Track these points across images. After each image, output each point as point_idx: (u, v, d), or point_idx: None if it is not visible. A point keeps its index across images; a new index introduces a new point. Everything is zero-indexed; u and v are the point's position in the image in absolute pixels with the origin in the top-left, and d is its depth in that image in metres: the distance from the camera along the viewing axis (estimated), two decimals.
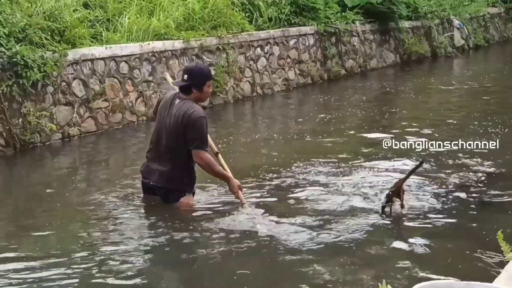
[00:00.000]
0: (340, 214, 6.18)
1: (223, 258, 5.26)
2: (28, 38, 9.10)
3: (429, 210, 6.29)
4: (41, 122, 9.07)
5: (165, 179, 6.15)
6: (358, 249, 5.42)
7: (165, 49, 11.30)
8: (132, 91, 10.66)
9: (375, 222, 5.96)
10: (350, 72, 16.02)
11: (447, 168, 7.67)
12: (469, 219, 6.14)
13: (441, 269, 4.94)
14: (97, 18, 11.06)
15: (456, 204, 6.50)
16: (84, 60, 9.87)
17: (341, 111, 12.01)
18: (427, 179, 7.20)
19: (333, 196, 6.71)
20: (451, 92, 14.14)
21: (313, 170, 7.68)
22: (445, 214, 6.21)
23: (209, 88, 6.14)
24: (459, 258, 5.24)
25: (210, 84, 6.14)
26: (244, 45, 13.01)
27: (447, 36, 20.15)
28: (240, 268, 5.05)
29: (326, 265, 5.08)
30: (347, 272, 4.98)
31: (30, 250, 5.50)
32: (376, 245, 5.50)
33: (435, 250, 5.37)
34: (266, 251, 5.40)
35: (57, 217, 6.42)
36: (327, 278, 4.88)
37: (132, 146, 9.67)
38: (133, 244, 5.56)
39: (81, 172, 8.35)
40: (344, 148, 8.79)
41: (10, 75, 8.74)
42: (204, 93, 6.09)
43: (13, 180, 8.00)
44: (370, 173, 7.52)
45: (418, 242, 5.50)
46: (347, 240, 5.59)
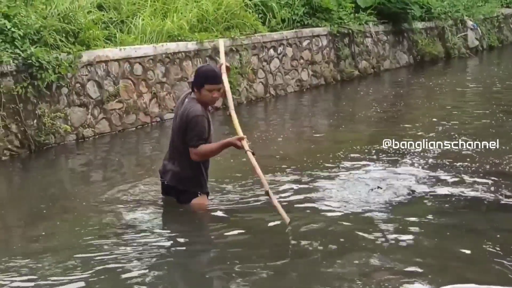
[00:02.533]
0: (352, 213, 6.18)
1: (233, 262, 5.24)
2: (43, 40, 9.15)
3: (441, 212, 6.27)
4: (55, 123, 9.12)
5: (176, 178, 6.17)
6: (370, 250, 5.39)
7: (179, 50, 11.33)
8: (146, 92, 10.69)
9: (387, 225, 5.94)
10: (363, 73, 15.99)
11: (455, 169, 7.66)
12: (484, 221, 6.10)
13: (458, 273, 4.92)
14: (111, 20, 11.11)
15: (469, 205, 6.48)
16: (98, 62, 9.91)
17: (353, 112, 12.00)
18: (439, 181, 7.18)
19: (346, 195, 6.71)
20: (465, 93, 14.08)
21: (326, 169, 7.69)
22: (459, 216, 6.18)
23: (211, 93, 5.93)
24: (475, 261, 5.21)
25: (213, 88, 5.92)
26: (257, 46, 13.02)
27: (461, 37, 20.07)
28: (254, 271, 5.05)
29: (339, 266, 5.07)
30: (361, 274, 4.96)
31: (43, 251, 5.52)
32: (389, 248, 5.47)
33: (451, 253, 5.34)
34: (277, 253, 5.41)
35: (72, 218, 6.45)
36: (340, 278, 4.87)
37: (146, 147, 9.70)
38: (146, 244, 5.58)
39: (95, 173, 8.38)
40: (356, 148, 8.78)
41: (25, 76, 8.79)
42: (202, 95, 5.95)
43: (29, 181, 8.03)
44: (382, 172, 7.52)
45: (431, 246, 5.48)
46: (359, 241, 5.58)
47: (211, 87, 5.91)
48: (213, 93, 5.94)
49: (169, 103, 11.03)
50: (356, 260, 5.19)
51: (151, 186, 7.23)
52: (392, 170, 7.64)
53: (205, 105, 6.00)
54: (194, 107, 5.93)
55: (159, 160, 8.70)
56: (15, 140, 8.73)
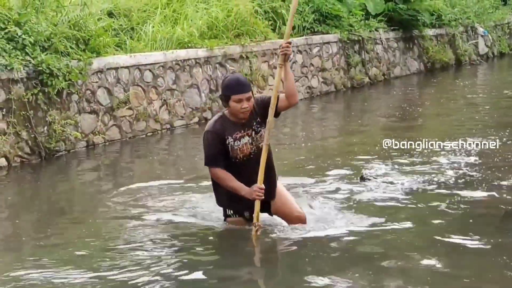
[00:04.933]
0: (362, 221, 6.14)
1: (236, 274, 5.20)
2: (54, 47, 9.17)
3: (452, 219, 6.23)
4: (66, 130, 9.13)
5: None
6: (380, 258, 5.32)
7: (189, 57, 11.34)
8: (156, 99, 10.70)
9: (398, 231, 5.90)
10: (373, 80, 15.97)
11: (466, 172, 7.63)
12: (495, 230, 6.04)
13: (472, 282, 4.88)
14: (121, 27, 11.14)
15: (481, 212, 6.43)
16: (108, 69, 9.93)
17: (364, 118, 11.97)
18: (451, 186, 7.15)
19: (356, 200, 6.68)
20: (476, 100, 14.02)
21: (337, 175, 7.66)
22: (471, 225, 6.11)
23: (240, 103, 5.41)
24: (488, 270, 5.13)
25: (240, 98, 5.40)
26: (267, 53, 13.01)
27: (472, 44, 20.03)
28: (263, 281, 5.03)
29: (346, 275, 5.04)
30: (370, 281, 4.93)
31: (54, 257, 5.51)
32: (398, 256, 5.40)
33: (463, 262, 5.28)
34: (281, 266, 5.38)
35: (82, 226, 6.44)
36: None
37: (156, 154, 9.69)
38: (157, 252, 5.56)
39: (105, 180, 8.38)
40: (369, 154, 8.74)
41: (35, 83, 8.81)
42: (231, 108, 5.48)
43: (39, 187, 8.04)
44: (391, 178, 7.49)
45: (443, 253, 5.43)
46: (368, 247, 5.55)
47: (237, 97, 5.43)
48: (242, 104, 5.43)
49: (179, 110, 11.04)
50: (369, 269, 5.16)
51: (161, 194, 7.22)
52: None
53: (236, 117, 5.51)
54: (209, 122, 5.64)
55: (168, 167, 8.76)
56: (25, 147, 8.74)
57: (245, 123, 5.53)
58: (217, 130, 5.50)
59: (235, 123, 5.52)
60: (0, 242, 6.22)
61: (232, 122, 5.53)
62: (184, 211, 6.55)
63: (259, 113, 5.55)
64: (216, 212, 6.11)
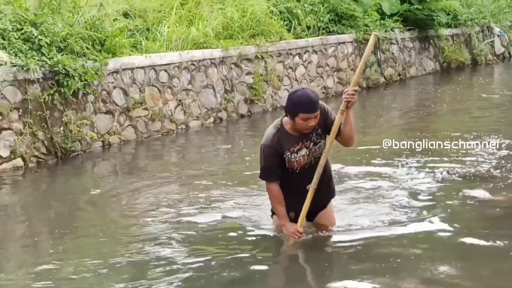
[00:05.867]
0: (378, 223, 6.12)
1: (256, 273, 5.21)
2: (70, 48, 9.20)
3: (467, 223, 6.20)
4: (82, 131, 9.16)
5: None
6: (396, 263, 5.28)
7: (204, 57, 11.35)
8: (171, 99, 10.72)
9: (411, 234, 5.86)
10: (389, 80, 15.92)
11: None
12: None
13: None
14: (137, 28, 11.17)
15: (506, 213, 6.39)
16: (124, 69, 9.96)
17: (379, 118, 11.93)
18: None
19: (374, 203, 6.66)
20: (492, 100, 13.94)
21: (351, 177, 7.64)
22: (493, 226, 6.06)
23: (306, 121, 5.21)
24: (501, 275, 5.10)
25: (307, 117, 5.19)
26: (283, 54, 13.00)
27: (488, 44, 19.92)
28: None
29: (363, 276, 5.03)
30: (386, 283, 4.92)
31: (71, 257, 5.54)
32: (412, 258, 5.39)
33: (474, 269, 5.23)
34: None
35: (100, 225, 6.46)
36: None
37: (171, 154, 9.72)
38: (171, 256, 5.57)
39: (122, 180, 8.39)
40: (381, 155, 8.72)
41: (51, 84, 8.85)
42: (296, 123, 5.26)
43: (55, 188, 8.07)
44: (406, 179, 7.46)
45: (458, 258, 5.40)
46: (386, 249, 5.53)
47: (305, 116, 5.20)
48: (309, 122, 5.22)
49: (194, 111, 11.05)
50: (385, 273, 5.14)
51: (176, 193, 7.24)
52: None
53: (298, 132, 5.35)
54: (266, 134, 5.44)
55: (184, 167, 8.76)
56: (41, 147, 8.78)
57: (303, 135, 5.36)
58: (275, 144, 5.34)
59: (293, 135, 5.37)
60: (17, 240, 6.27)
61: (290, 134, 5.37)
62: (199, 210, 6.56)
63: (321, 125, 5.36)
64: (234, 210, 6.15)
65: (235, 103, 11.86)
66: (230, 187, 7.44)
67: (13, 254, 5.93)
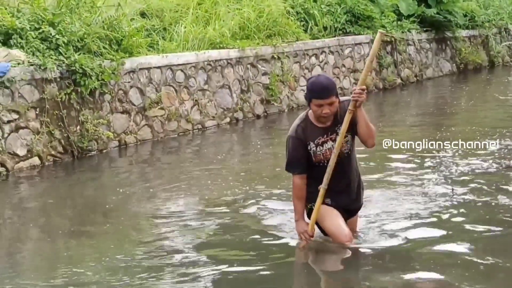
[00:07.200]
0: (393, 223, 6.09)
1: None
2: (87, 47, 9.22)
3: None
4: (98, 130, 9.17)
5: None
6: (411, 262, 5.28)
7: (221, 58, 11.35)
8: (187, 99, 10.72)
9: (422, 237, 5.82)
10: (405, 81, 15.86)
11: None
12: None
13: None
14: (153, 27, 11.19)
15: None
16: (141, 69, 9.97)
17: (395, 120, 11.88)
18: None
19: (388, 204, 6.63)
20: (508, 102, 13.85)
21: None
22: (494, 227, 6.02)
23: (320, 108, 5.17)
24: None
25: (320, 104, 5.15)
26: (299, 54, 12.99)
27: (505, 45, 19.81)
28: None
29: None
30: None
31: (87, 258, 5.55)
32: (419, 259, 5.35)
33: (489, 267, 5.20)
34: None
35: (116, 224, 6.47)
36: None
37: (187, 154, 9.71)
38: (186, 258, 5.55)
39: (138, 179, 8.41)
40: (397, 157, 8.69)
41: (68, 83, 8.88)
42: (312, 110, 5.25)
43: (72, 186, 8.08)
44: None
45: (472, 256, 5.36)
46: (401, 251, 5.50)
47: (318, 102, 5.16)
48: (323, 108, 5.17)
49: (210, 110, 11.05)
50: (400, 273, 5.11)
51: (193, 195, 7.23)
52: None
53: (318, 121, 5.29)
54: (292, 125, 5.40)
55: (200, 167, 8.76)
56: (58, 146, 8.80)
57: (328, 127, 5.29)
58: (299, 135, 5.29)
59: (318, 127, 5.30)
60: (33, 238, 6.29)
61: (315, 126, 5.31)
62: (217, 211, 6.55)
63: (344, 118, 5.23)
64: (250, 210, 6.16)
65: (251, 103, 11.84)
66: (250, 187, 7.42)
67: (28, 256, 5.91)
